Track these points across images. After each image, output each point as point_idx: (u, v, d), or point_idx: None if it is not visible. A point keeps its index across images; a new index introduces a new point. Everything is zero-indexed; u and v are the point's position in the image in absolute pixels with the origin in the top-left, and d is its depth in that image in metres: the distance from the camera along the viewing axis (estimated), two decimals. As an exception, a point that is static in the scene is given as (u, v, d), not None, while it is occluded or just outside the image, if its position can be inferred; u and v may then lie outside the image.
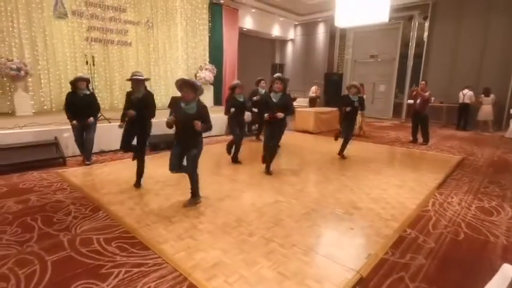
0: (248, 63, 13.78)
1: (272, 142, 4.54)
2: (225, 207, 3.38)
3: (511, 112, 9.21)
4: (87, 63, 7.21)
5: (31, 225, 2.90)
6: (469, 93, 9.70)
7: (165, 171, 3.50)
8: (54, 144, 5.17)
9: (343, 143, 5.68)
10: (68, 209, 3.27)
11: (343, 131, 5.64)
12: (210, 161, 5.36)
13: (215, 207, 3.40)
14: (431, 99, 7.65)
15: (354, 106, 5.47)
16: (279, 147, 6.28)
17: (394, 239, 2.77)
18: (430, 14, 11.07)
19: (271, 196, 3.76)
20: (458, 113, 10.08)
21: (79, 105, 4.73)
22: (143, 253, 2.44)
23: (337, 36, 13.75)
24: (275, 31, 14.44)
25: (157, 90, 9.34)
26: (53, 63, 7.38)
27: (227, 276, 2.15)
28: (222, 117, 7.66)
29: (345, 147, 5.71)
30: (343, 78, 13.62)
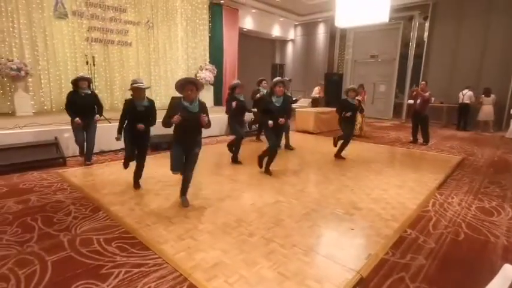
0: (248, 63, 13.78)
1: (277, 142, 4.56)
2: (225, 208, 3.38)
3: (511, 112, 9.21)
4: (87, 63, 7.22)
5: (31, 225, 2.90)
6: (469, 93, 9.70)
7: (166, 171, 3.50)
8: (55, 144, 5.17)
9: (343, 144, 5.65)
10: (68, 209, 3.27)
11: (344, 132, 5.61)
12: (210, 161, 5.36)
13: (215, 207, 3.40)
14: (432, 99, 7.65)
15: (354, 109, 5.48)
16: (294, 149, 6.34)
17: (394, 239, 2.77)
18: (431, 14, 11.06)
19: (271, 196, 3.76)
20: (458, 113, 10.07)
21: (80, 104, 4.71)
22: (143, 253, 2.44)
23: (337, 37, 13.75)
24: (275, 31, 14.43)
25: (157, 91, 9.34)
26: (53, 64, 7.38)
27: (227, 277, 2.15)
28: (222, 117, 7.68)
29: (343, 149, 5.69)
30: (343, 78, 13.62)
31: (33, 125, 5.40)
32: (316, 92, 12.38)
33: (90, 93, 4.91)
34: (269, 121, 4.28)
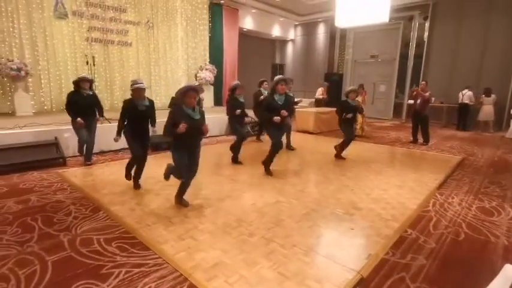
0: (248, 63, 13.78)
1: (280, 138, 4.57)
2: (226, 208, 3.38)
3: (511, 112, 9.21)
4: (87, 63, 7.23)
5: (31, 225, 2.90)
6: (468, 93, 9.69)
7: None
8: (55, 144, 5.17)
9: (343, 144, 5.64)
10: (68, 209, 3.27)
11: (345, 135, 5.61)
12: (210, 161, 5.36)
13: (215, 207, 3.40)
14: (432, 99, 7.65)
15: (354, 110, 5.50)
16: (295, 149, 6.34)
17: (394, 239, 2.77)
18: (431, 14, 11.06)
19: (271, 196, 3.76)
20: (458, 113, 10.08)
21: (82, 105, 4.71)
22: (143, 253, 2.44)
23: (337, 37, 13.75)
24: (275, 31, 14.44)
25: (157, 91, 9.36)
26: (53, 64, 7.38)
27: (227, 277, 2.15)
28: (222, 118, 7.68)
29: (344, 149, 5.69)
30: (344, 78, 13.62)
31: (33, 125, 5.40)
32: (319, 93, 12.15)
33: (91, 94, 4.93)
34: (275, 117, 4.24)
